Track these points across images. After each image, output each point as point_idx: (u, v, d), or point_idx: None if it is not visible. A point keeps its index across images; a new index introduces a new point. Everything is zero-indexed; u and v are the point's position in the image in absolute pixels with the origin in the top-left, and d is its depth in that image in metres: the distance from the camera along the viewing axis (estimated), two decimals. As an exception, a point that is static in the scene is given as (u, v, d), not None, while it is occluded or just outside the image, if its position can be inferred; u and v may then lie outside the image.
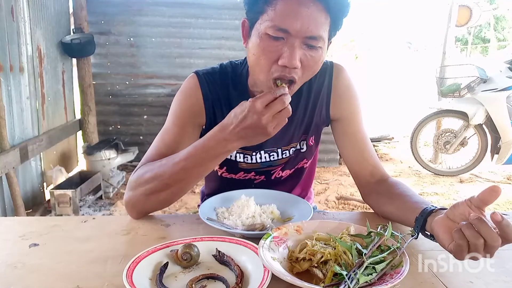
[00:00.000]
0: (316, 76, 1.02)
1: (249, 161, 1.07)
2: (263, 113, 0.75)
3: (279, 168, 1.10)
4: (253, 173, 1.10)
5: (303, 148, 1.09)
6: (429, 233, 0.75)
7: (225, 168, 1.10)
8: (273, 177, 1.11)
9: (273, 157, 1.07)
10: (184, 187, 0.90)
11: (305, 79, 0.89)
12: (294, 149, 1.08)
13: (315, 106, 1.04)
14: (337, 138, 1.07)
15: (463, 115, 3.92)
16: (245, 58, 0.98)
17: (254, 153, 1.06)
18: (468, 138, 4.06)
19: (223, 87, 1.00)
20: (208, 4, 4.15)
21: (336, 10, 0.82)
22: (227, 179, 1.11)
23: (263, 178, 1.11)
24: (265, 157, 1.07)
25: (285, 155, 1.08)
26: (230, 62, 1.05)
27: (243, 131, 0.78)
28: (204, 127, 1.02)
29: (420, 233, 0.77)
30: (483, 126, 3.95)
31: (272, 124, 0.76)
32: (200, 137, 0.97)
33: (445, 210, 0.71)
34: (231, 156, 1.06)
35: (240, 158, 1.07)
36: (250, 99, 0.77)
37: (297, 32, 0.80)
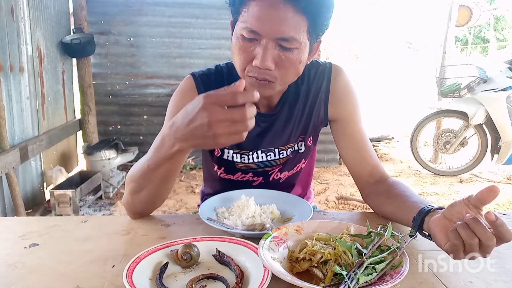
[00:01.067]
0: (314, 77, 1.03)
1: (246, 161, 1.07)
2: (214, 117, 0.63)
3: (277, 169, 1.10)
4: (250, 174, 1.10)
5: (301, 149, 1.09)
6: (426, 233, 0.75)
7: (223, 168, 1.10)
8: (271, 179, 1.11)
9: (270, 157, 1.07)
10: (158, 188, 0.85)
11: (285, 79, 0.88)
12: (291, 149, 1.08)
13: (313, 106, 1.04)
14: (336, 139, 1.07)
15: (463, 115, 3.92)
16: None
17: (250, 153, 1.06)
18: (468, 138, 4.06)
19: (218, 88, 1.00)
20: (208, 4, 4.15)
21: (312, 11, 0.80)
22: (226, 180, 1.12)
23: (261, 180, 1.11)
24: (261, 157, 1.07)
25: (282, 155, 1.08)
26: (226, 63, 1.06)
27: (189, 134, 0.68)
28: None
29: (418, 233, 0.77)
30: (483, 126, 3.95)
31: (222, 135, 0.64)
32: None
33: (442, 210, 0.71)
34: (227, 156, 1.07)
35: (237, 158, 1.07)
36: (201, 95, 0.66)
37: (267, 34, 0.80)
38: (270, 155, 1.07)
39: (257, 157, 1.07)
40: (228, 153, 1.07)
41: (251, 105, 0.64)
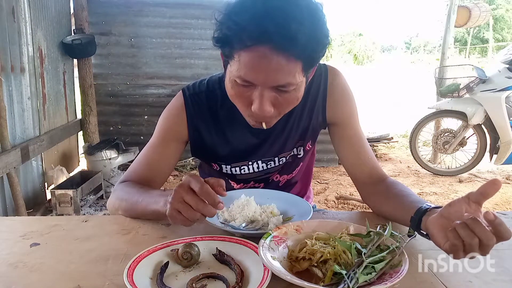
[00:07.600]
0: (311, 82, 0.98)
1: (246, 171, 1.07)
2: (178, 192, 0.73)
3: (277, 173, 1.12)
4: (252, 183, 1.11)
5: (300, 154, 1.09)
6: (424, 233, 0.75)
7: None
8: (270, 180, 1.12)
9: (270, 165, 1.08)
10: (138, 216, 0.94)
11: (285, 112, 0.87)
12: (291, 154, 1.08)
13: (312, 111, 1.02)
14: (334, 142, 1.07)
15: (462, 115, 3.92)
16: None
17: (250, 163, 1.06)
18: (467, 138, 4.06)
19: (210, 107, 1.00)
20: (208, 5, 4.15)
21: (306, 54, 0.76)
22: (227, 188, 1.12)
23: (262, 186, 1.12)
24: (262, 166, 1.07)
25: (282, 161, 1.08)
26: (219, 78, 1.02)
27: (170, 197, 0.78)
28: (188, 142, 1.04)
29: (417, 233, 0.77)
30: (482, 126, 3.95)
31: (174, 209, 0.73)
32: (193, 146, 1.04)
33: (439, 209, 0.71)
34: (226, 170, 1.07)
35: (236, 171, 1.07)
36: (190, 175, 0.76)
37: (262, 83, 0.78)
38: (270, 163, 1.07)
39: (258, 167, 1.07)
40: (226, 167, 1.07)
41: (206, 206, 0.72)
